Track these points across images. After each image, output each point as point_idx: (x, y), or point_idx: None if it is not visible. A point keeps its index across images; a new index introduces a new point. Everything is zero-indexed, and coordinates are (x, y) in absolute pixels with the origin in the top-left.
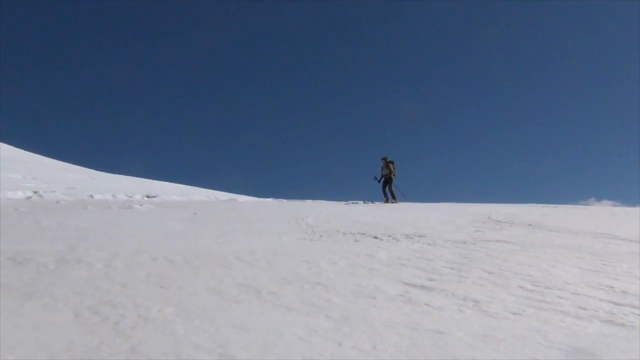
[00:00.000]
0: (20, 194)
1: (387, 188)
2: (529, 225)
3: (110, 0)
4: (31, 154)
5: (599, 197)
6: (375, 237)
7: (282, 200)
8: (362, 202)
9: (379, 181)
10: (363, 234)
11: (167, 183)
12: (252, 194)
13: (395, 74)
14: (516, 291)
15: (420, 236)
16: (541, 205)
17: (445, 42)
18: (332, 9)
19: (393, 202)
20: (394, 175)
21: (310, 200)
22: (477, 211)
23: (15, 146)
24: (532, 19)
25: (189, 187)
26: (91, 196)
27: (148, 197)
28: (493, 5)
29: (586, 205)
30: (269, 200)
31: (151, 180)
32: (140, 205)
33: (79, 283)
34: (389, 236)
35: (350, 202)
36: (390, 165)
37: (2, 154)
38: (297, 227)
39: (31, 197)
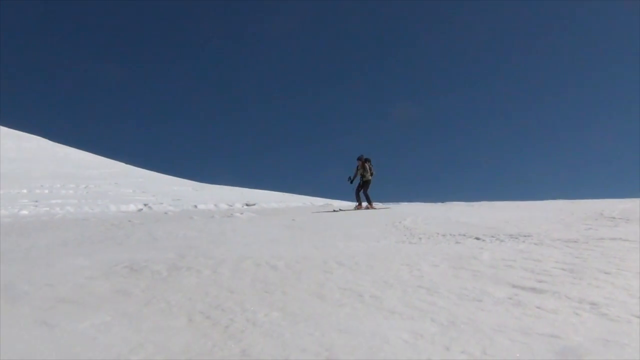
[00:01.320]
0: (132, 207)
1: (363, 191)
2: None
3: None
4: (140, 169)
5: None
6: (477, 238)
7: (377, 203)
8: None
9: (351, 182)
10: (464, 235)
11: (264, 191)
12: (345, 198)
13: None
14: (639, 293)
15: (525, 236)
16: None
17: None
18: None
19: (369, 207)
20: (371, 175)
21: (405, 203)
22: (587, 208)
23: (127, 163)
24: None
25: (285, 194)
26: (195, 206)
27: (248, 205)
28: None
29: None
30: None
31: (250, 189)
32: (241, 213)
33: (190, 289)
34: (492, 237)
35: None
36: (367, 165)
37: (116, 170)
38: (394, 230)
39: (142, 209)
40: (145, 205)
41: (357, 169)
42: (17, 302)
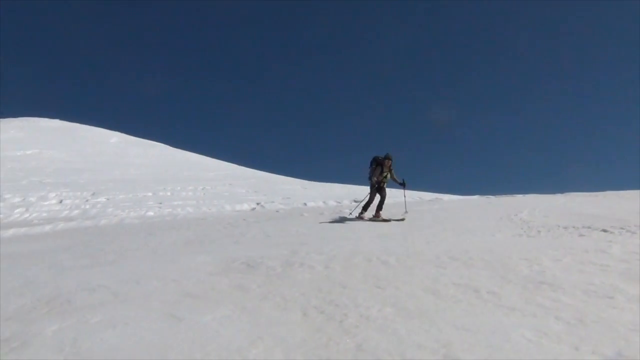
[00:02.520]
0: (245, 206)
1: (383, 195)
2: None
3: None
4: (252, 169)
5: None
6: (605, 231)
7: (490, 196)
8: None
9: (401, 184)
10: (589, 227)
11: None
12: (456, 192)
13: None
14: None
15: None
16: None
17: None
18: None
19: (379, 216)
20: (400, 184)
21: (520, 195)
22: None
23: (240, 165)
24: None
25: (394, 189)
26: (305, 204)
27: (356, 201)
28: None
29: None
30: (475, 197)
31: (358, 186)
32: (350, 210)
33: (304, 284)
34: (622, 228)
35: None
36: (390, 165)
37: (230, 172)
38: (510, 224)
39: (255, 208)
40: (257, 204)
41: (381, 168)
42: (149, 296)
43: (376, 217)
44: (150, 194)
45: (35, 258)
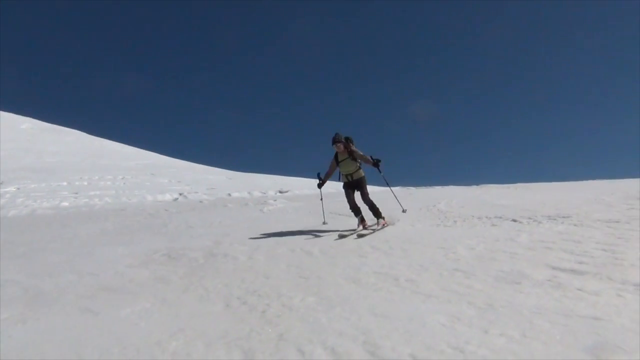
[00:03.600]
0: (168, 197)
1: (362, 195)
2: None
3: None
4: (174, 159)
5: None
6: (514, 220)
7: (410, 187)
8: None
9: (321, 184)
10: (500, 217)
11: (297, 178)
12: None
13: None
14: None
15: (564, 217)
16: None
17: None
18: None
19: (382, 224)
20: (373, 164)
21: (439, 187)
22: (629, 187)
23: (161, 154)
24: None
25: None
26: (229, 195)
27: (281, 192)
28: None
29: None
30: (396, 189)
31: (282, 177)
32: (274, 200)
33: (227, 275)
34: (529, 218)
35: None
36: (352, 146)
37: (151, 161)
38: (429, 214)
39: (177, 198)
40: (180, 194)
41: (336, 160)
42: (63, 290)
43: (365, 225)
44: (65, 183)
45: None
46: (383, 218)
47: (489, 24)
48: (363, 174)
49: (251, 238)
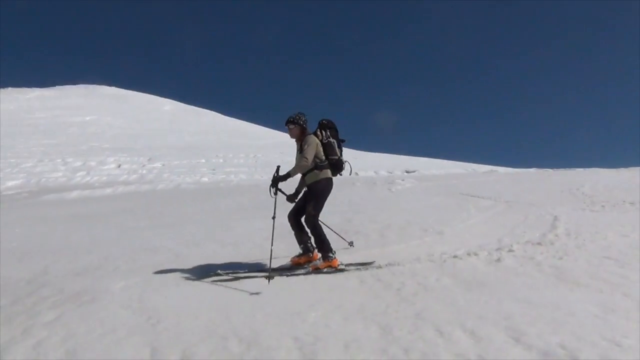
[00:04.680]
0: None
1: (306, 212)
2: None
3: None
4: None
5: None
6: None
7: (548, 169)
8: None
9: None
10: None
11: (424, 158)
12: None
13: None
14: None
15: None
16: None
17: None
18: None
19: (323, 265)
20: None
21: (580, 169)
22: None
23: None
24: None
25: (445, 161)
26: (356, 174)
27: (408, 172)
28: None
29: None
30: (532, 170)
31: (409, 157)
32: (402, 180)
33: (359, 252)
34: None
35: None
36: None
37: (280, 140)
38: (572, 197)
39: None
40: None
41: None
42: (207, 258)
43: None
44: (203, 160)
45: (99, 219)
46: (330, 256)
47: None
48: (319, 178)
49: (381, 216)
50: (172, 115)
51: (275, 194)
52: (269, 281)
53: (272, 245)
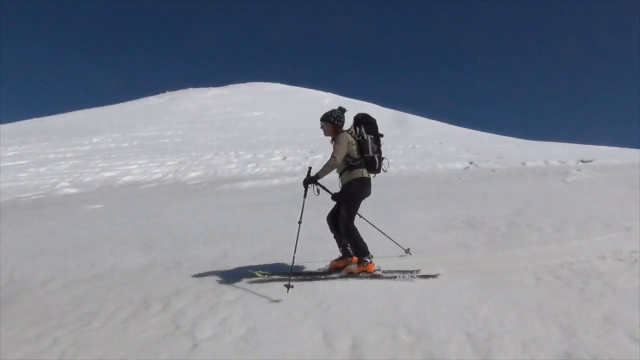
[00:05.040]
0: (458, 165)
1: (340, 215)
2: None
3: None
4: (461, 128)
5: None
6: None
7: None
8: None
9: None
10: None
11: (605, 147)
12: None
13: None
14: None
15: None
16: None
17: None
18: None
19: (357, 270)
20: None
21: None
22: None
23: (449, 123)
24: None
25: (627, 149)
26: (523, 164)
27: (583, 161)
28: None
29: None
30: None
31: (584, 145)
32: (578, 170)
33: (531, 246)
34: None
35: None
36: (339, 132)
37: (439, 130)
38: None
39: (468, 167)
40: (470, 163)
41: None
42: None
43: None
44: None
45: (270, 207)
46: (366, 261)
47: None
48: (350, 179)
49: (556, 209)
50: (330, 108)
51: (305, 196)
52: (287, 290)
53: (295, 251)
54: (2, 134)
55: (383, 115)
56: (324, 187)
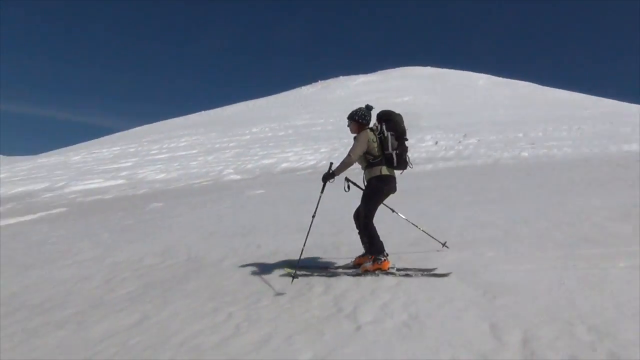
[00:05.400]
0: (635, 147)
1: (358, 210)
2: None
3: None
4: (636, 105)
5: None
6: None
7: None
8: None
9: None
10: None
11: None
12: None
13: None
14: None
15: None
16: None
17: None
18: None
19: (370, 268)
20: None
21: None
22: None
23: (620, 100)
24: None
25: None
26: None
27: None
28: None
29: None
30: None
31: None
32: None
33: None
34: None
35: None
36: (361, 129)
37: (608, 109)
38: None
39: None
40: None
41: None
42: (540, 237)
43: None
44: (520, 134)
45: (425, 193)
46: (380, 259)
47: None
48: (374, 175)
49: None
50: (486, 90)
51: (322, 191)
52: (292, 280)
53: (304, 244)
54: (176, 126)
55: (544, 96)
56: (354, 183)
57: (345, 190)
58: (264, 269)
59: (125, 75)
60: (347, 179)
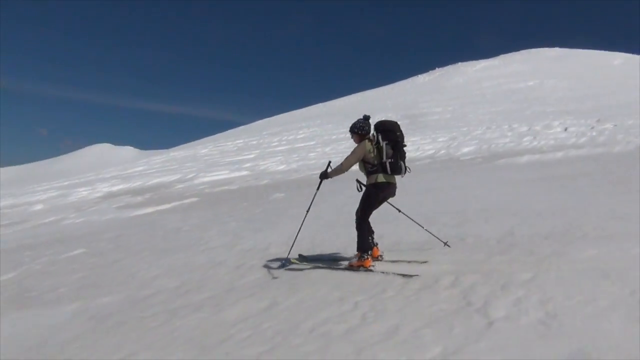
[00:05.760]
0: None
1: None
2: None
3: None
4: None
5: None
6: None
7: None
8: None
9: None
10: None
11: None
12: None
13: None
14: None
15: None
16: None
17: None
18: None
19: (355, 263)
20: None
21: None
22: None
23: None
24: None
25: None
26: None
27: None
28: None
29: None
30: None
31: None
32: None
33: None
34: None
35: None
36: (360, 140)
37: None
38: None
39: None
40: None
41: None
42: None
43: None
44: None
45: (555, 183)
46: (364, 257)
47: None
48: (371, 182)
49: None
50: (622, 70)
51: (318, 189)
52: (284, 267)
53: (296, 235)
54: (294, 119)
55: None
56: (364, 184)
57: (358, 191)
58: (387, 259)
59: (247, 71)
60: (358, 181)
